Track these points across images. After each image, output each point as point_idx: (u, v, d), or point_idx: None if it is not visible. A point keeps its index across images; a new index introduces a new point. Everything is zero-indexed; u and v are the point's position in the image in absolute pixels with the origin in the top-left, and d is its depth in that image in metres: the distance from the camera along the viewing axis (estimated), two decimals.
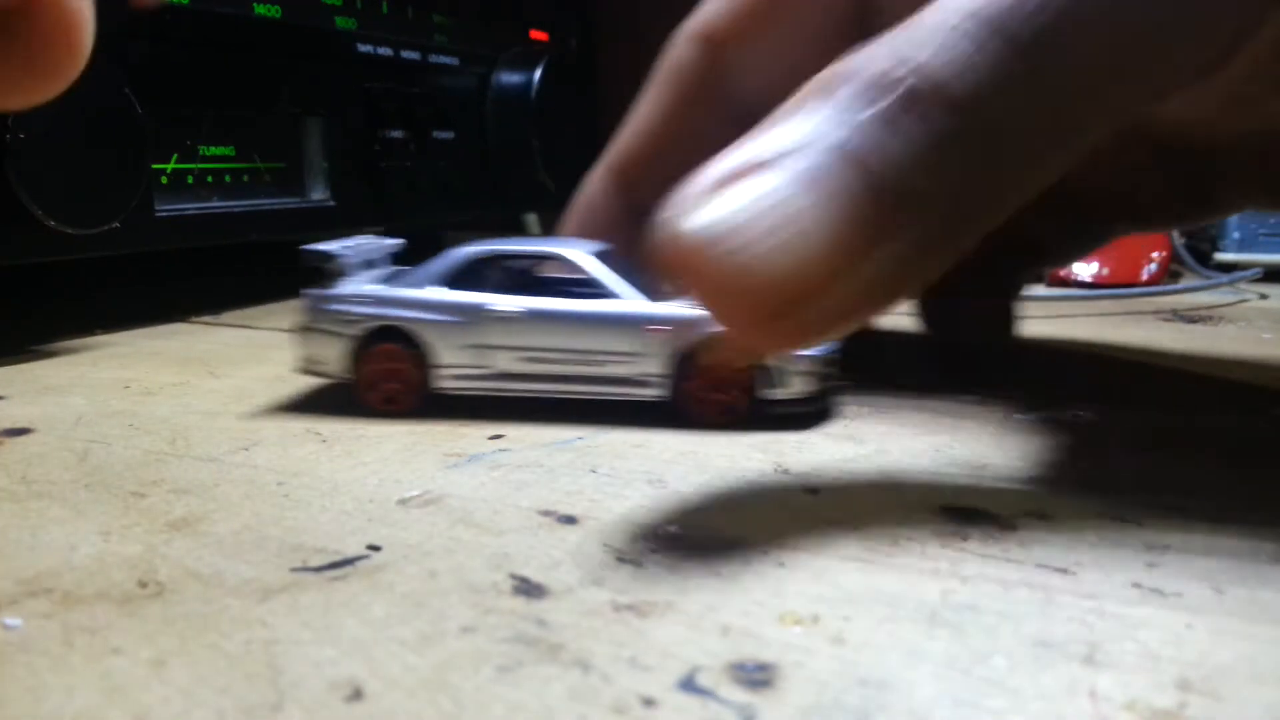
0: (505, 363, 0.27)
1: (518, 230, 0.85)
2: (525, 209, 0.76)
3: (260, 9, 0.45)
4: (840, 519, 0.19)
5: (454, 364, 0.27)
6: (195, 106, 0.43)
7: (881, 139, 0.18)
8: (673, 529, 0.19)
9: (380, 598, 0.16)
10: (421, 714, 0.13)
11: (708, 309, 0.18)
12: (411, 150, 0.55)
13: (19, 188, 0.33)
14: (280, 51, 0.47)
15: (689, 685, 0.13)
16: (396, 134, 0.54)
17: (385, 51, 0.53)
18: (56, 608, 0.16)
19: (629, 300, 0.27)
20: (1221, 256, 0.56)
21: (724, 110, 0.31)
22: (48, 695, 0.13)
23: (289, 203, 0.48)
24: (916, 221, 0.18)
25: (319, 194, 0.50)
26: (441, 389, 0.27)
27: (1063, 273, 0.53)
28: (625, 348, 0.26)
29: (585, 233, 0.33)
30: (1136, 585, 0.16)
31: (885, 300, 0.19)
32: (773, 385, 0.26)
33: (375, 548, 0.18)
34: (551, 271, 0.28)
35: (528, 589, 0.16)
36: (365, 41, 0.51)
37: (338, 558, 0.18)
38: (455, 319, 0.27)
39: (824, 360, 0.27)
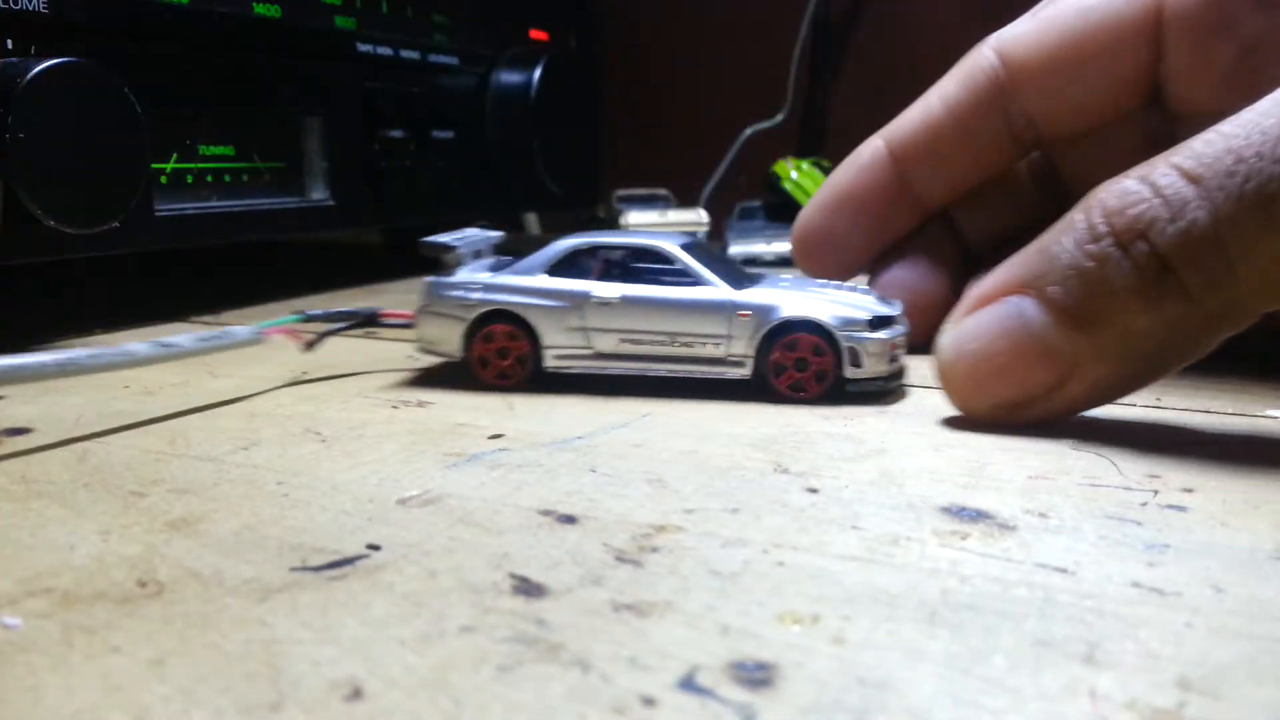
0: (605, 344, 0.30)
1: (518, 229, 0.85)
2: (525, 208, 0.76)
3: (260, 9, 0.45)
4: (840, 519, 0.19)
5: (559, 344, 0.30)
6: (195, 106, 0.43)
7: (1090, 284, 0.22)
8: (672, 529, 0.19)
9: (380, 597, 0.16)
10: (421, 714, 0.13)
11: (954, 403, 0.25)
12: (411, 150, 0.55)
13: (19, 188, 0.33)
14: (280, 51, 0.47)
15: (689, 685, 0.13)
16: (396, 134, 0.54)
17: (385, 51, 0.53)
18: (56, 607, 0.16)
19: (718, 287, 0.29)
20: None
21: (1005, 123, 0.34)
22: (47, 694, 0.13)
23: (288, 202, 0.48)
24: (1113, 360, 0.23)
25: (318, 194, 0.50)
26: (549, 368, 0.30)
27: None
28: (717, 330, 0.29)
29: (853, 191, 0.36)
30: (1136, 585, 0.16)
31: (1095, 405, 0.24)
32: (852, 365, 0.28)
33: (375, 547, 0.18)
34: (644, 262, 0.31)
35: (527, 589, 0.16)
36: (365, 41, 0.51)
37: (337, 557, 0.18)
38: (561, 304, 0.30)
39: (897, 341, 0.29)
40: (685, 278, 0.29)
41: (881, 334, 0.28)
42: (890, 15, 0.78)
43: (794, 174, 0.69)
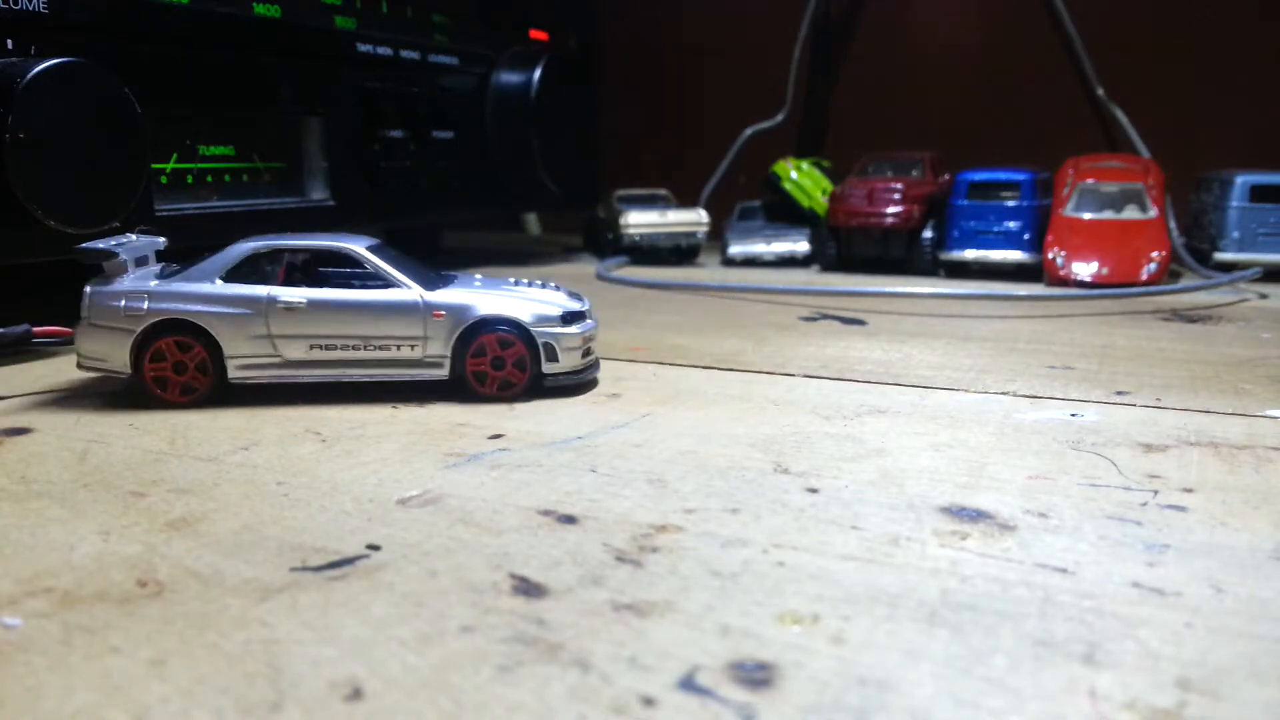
0: (294, 351, 0.28)
1: (517, 228, 0.85)
2: (525, 209, 0.76)
3: (260, 9, 0.45)
4: (840, 519, 0.19)
5: (244, 354, 0.28)
6: (195, 106, 0.43)
7: None
8: (672, 529, 0.19)
9: (380, 597, 0.16)
10: (421, 714, 0.13)
11: None
12: (411, 150, 0.55)
13: (19, 188, 0.33)
14: (280, 51, 0.47)
15: (689, 685, 0.13)
16: (396, 134, 0.54)
17: (385, 51, 0.53)
18: (56, 607, 0.16)
19: (411, 289, 0.29)
20: (1221, 256, 0.56)
21: None
22: (47, 694, 0.13)
23: (289, 202, 0.48)
24: None
25: (319, 194, 0.50)
26: (234, 379, 0.28)
27: (1062, 272, 0.53)
28: (412, 332, 0.29)
29: None
30: (1136, 585, 0.16)
31: None
32: (549, 360, 0.29)
33: (375, 547, 0.18)
34: (330, 265, 0.30)
35: (527, 589, 0.16)
36: (365, 41, 0.51)
37: (337, 557, 0.18)
38: (243, 311, 0.28)
39: (588, 335, 0.30)
40: (375, 280, 0.29)
41: (574, 329, 0.29)
42: (890, 15, 0.78)
43: (794, 174, 0.69)
